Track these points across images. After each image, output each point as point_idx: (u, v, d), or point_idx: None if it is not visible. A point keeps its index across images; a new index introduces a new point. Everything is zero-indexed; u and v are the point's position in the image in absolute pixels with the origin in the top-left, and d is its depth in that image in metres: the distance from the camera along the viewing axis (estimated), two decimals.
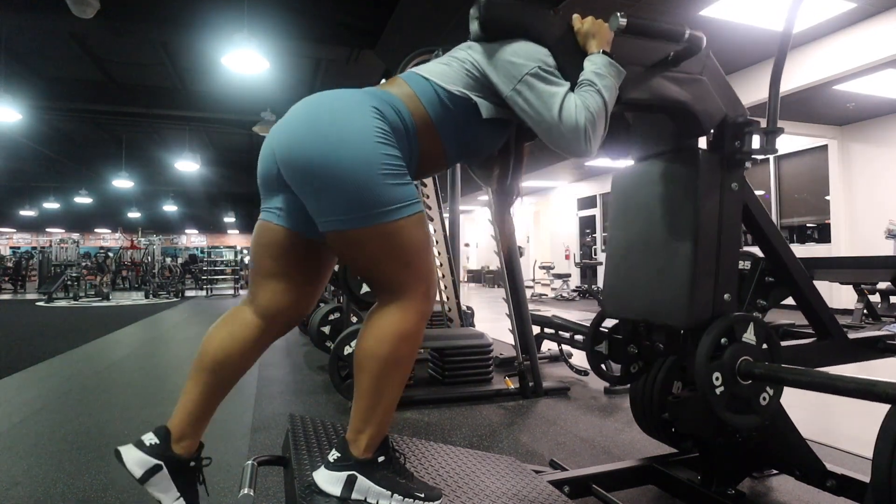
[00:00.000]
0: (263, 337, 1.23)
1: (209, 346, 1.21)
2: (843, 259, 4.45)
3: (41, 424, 2.68)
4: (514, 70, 1.12)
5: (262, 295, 1.21)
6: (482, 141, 1.23)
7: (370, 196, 1.02)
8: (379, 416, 1.11)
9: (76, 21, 4.95)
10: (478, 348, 3.35)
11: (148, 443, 1.15)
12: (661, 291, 1.40)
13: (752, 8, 4.86)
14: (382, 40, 5.88)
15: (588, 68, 1.15)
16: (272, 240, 1.18)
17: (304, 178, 1.06)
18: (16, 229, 27.47)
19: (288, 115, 1.12)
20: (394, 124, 1.09)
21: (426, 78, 1.17)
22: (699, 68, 1.35)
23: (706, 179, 1.35)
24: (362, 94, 1.10)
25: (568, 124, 1.09)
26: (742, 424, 1.29)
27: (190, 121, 9.78)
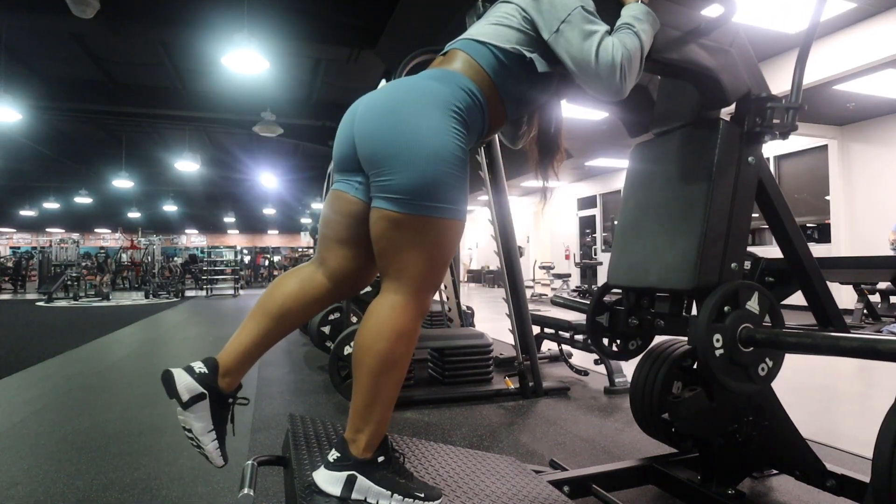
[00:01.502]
0: (327, 298, 1.27)
1: (276, 293, 1.24)
2: (843, 259, 4.45)
3: (41, 424, 2.68)
4: (558, 11, 1.15)
5: (333, 259, 1.25)
6: (534, 93, 1.27)
7: (431, 187, 1.07)
8: (377, 414, 1.11)
9: (76, 21, 4.95)
10: (478, 348, 3.35)
11: (197, 371, 1.17)
12: (670, 258, 1.42)
13: (753, 8, 4.86)
14: (382, 40, 5.88)
15: (626, 13, 1.20)
16: (348, 209, 1.21)
17: (376, 162, 1.10)
18: (16, 229, 27.48)
19: (370, 102, 1.16)
20: (470, 109, 1.14)
21: (482, 42, 1.20)
22: (729, 40, 1.38)
23: (724, 150, 1.38)
24: (441, 87, 1.13)
25: (604, 61, 1.11)
26: (740, 390, 1.30)
27: (190, 121, 9.78)
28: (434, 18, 5.13)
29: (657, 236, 1.49)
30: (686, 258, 1.37)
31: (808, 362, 3.57)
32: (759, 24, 5.12)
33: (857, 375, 3.75)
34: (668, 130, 1.57)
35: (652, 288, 1.52)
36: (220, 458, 1.19)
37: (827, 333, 1.16)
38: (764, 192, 1.47)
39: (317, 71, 7.61)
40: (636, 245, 1.56)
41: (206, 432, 1.16)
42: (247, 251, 25.77)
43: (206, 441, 1.16)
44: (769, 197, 1.49)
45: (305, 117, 8.84)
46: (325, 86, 8.07)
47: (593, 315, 1.67)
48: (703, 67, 1.34)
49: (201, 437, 1.16)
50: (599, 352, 1.73)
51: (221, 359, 1.20)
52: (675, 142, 1.51)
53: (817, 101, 6.88)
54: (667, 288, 1.45)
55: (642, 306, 1.62)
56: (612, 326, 1.67)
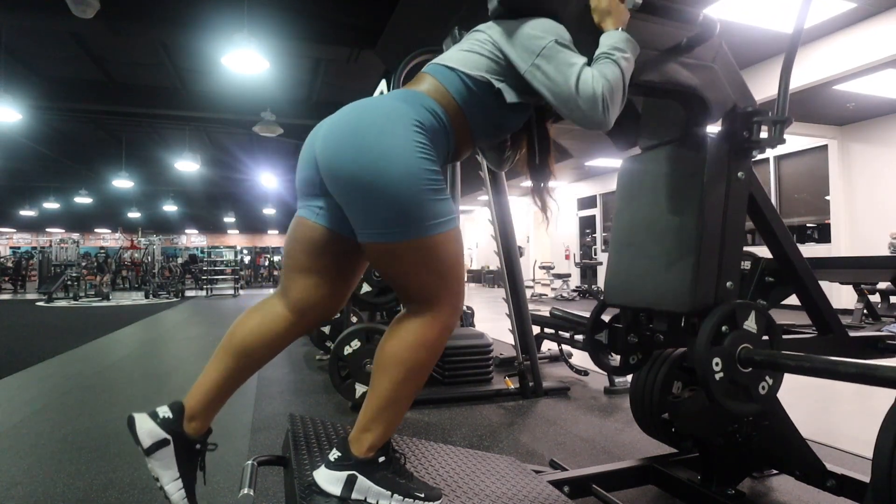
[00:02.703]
0: (292, 330, 1.23)
1: (238, 332, 1.21)
2: (843, 259, 4.45)
3: (41, 424, 2.68)
4: (532, 45, 1.13)
5: (295, 289, 1.22)
6: (505, 124, 1.25)
7: (414, 211, 1.04)
8: (388, 418, 1.11)
9: (76, 21, 4.94)
10: (478, 348, 3.35)
11: (161, 415, 1.15)
12: (665, 278, 1.41)
13: (753, 8, 4.86)
14: (382, 40, 5.88)
15: (605, 42, 1.17)
16: (309, 236, 1.18)
17: (348, 191, 1.07)
18: (16, 229, 27.47)
19: (332, 124, 1.13)
20: (433, 130, 1.11)
21: (451, 68, 1.18)
22: (711, 56, 1.37)
23: (713, 167, 1.36)
24: (401, 104, 1.11)
25: (585, 93, 1.09)
26: (741, 412, 1.30)
27: (190, 121, 9.78)
28: (434, 18, 5.12)
29: (651, 255, 1.47)
30: (681, 280, 1.35)
31: None
32: (759, 25, 5.11)
33: None
34: (656, 145, 1.55)
35: (648, 308, 1.51)
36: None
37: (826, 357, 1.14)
38: (755, 205, 1.46)
39: (317, 71, 7.61)
40: (631, 263, 1.55)
41: (172, 480, 1.14)
42: (247, 251, 25.77)
43: (172, 489, 1.13)
44: (761, 210, 1.47)
45: (305, 117, 8.84)
46: (325, 86, 8.06)
47: (592, 333, 1.66)
48: (687, 87, 1.32)
49: (167, 485, 1.13)
50: (601, 367, 1.72)
51: (188, 402, 1.17)
52: (664, 158, 1.49)
53: (817, 101, 6.88)
54: (663, 309, 1.45)
55: (640, 322, 1.61)
56: (612, 343, 1.66)
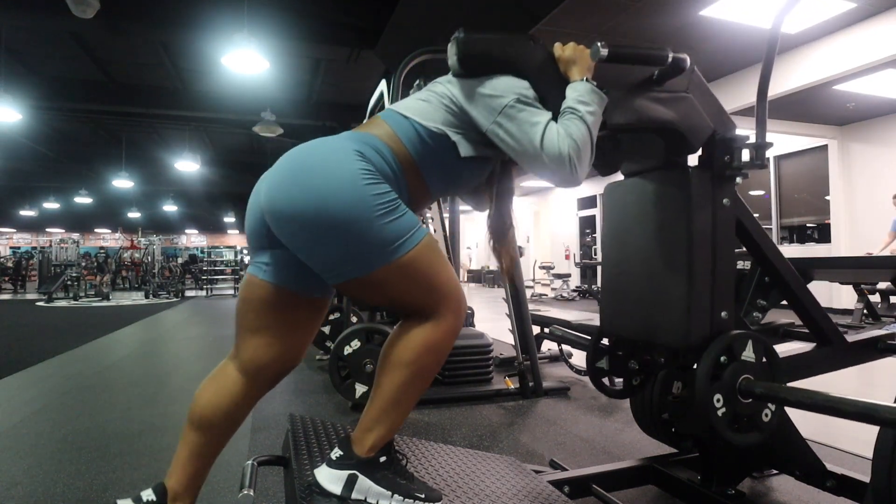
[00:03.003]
0: (249, 393, 1.20)
1: (197, 405, 1.18)
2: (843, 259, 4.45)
3: (41, 424, 2.68)
4: (493, 103, 1.11)
5: (246, 350, 1.19)
6: (464, 176, 1.21)
7: (373, 239, 1.01)
8: (391, 419, 1.11)
9: (76, 21, 4.95)
10: (478, 348, 3.35)
11: (145, 499, 1.14)
12: (658, 311, 1.40)
13: (753, 8, 4.86)
14: (382, 40, 5.88)
15: (570, 96, 1.14)
16: (257, 294, 1.16)
17: (300, 234, 1.04)
18: (16, 229, 27.47)
19: (272, 171, 1.10)
20: (379, 166, 1.07)
21: (405, 116, 1.15)
22: (685, 86, 1.33)
23: (697, 197, 1.34)
24: (343, 140, 1.09)
25: (551, 153, 1.07)
26: (745, 443, 1.29)
27: (190, 121, 9.78)
28: (434, 18, 5.13)
29: (642, 288, 1.46)
30: (675, 315, 1.34)
31: None
32: (759, 25, 5.12)
33: (857, 375, 3.75)
34: (639, 172, 1.53)
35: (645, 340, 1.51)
36: None
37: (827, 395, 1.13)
38: (743, 229, 1.44)
39: (317, 71, 7.61)
40: (624, 294, 1.54)
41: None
42: (247, 251, 25.73)
43: None
44: (749, 233, 1.46)
45: (305, 117, 8.84)
46: (325, 86, 8.07)
47: (592, 361, 1.66)
48: (661, 122, 1.29)
49: None
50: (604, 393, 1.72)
51: (169, 481, 1.16)
52: (648, 187, 1.47)
53: (817, 101, 6.88)
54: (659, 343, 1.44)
55: (639, 348, 1.61)
56: (613, 369, 1.66)
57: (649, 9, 4.84)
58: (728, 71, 6.45)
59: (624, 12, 4.87)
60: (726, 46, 5.65)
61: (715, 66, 6.32)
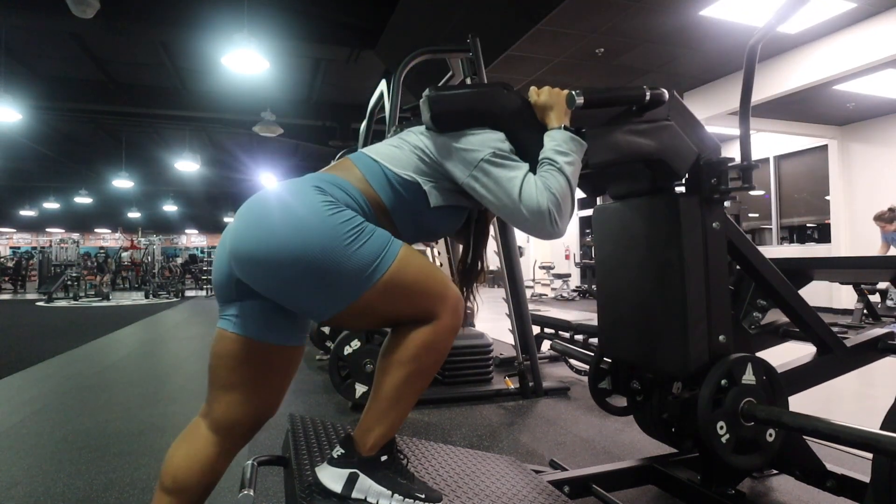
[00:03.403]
0: (223, 451, 1.15)
1: (167, 468, 1.14)
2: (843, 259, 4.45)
3: (41, 424, 2.68)
4: (468, 157, 1.09)
5: (218, 408, 1.14)
6: (437, 224, 1.19)
7: (349, 268, 0.99)
8: (392, 418, 1.10)
9: (76, 21, 4.95)
10: (478, 348, 3.35)
11: None
12: (656, 339, 1.40)
13: (752, 8, 4.86)
14: (382, 40, 5.89)
15: (548, 146, 1.12)
16: (227, 349, 1.12)
17: (273, 277, 1.01)
18: (16, 229, 27.46)
19: (236, 220, 1.08)
20: (342, 200, 1.05)
21: (375, 160, 1.13)
22: (665, 113, 1.32)
23: (687, 222, 1.34)
24: (302, 181, 1.07)
25: (530, 207, 1.05)
26: (750, 466, 1.29)
27: (190, 121, 9.78)
28: (434, 18, 5.13)
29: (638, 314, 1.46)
30: (673, 344, 1.33)
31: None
32: (758, 25, 5.11)
33: (856, 375, 3.74)
34: (627, 195, 1.52)
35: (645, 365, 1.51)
36: None
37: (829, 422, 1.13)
38: (735, 249, 1.44)
39: (317, 71, 7.61)
40: (621, 319, 1.54)
41: None
42: None
43: None
44: (742, 253, 1.46)
45: (305, 117, 8.84)
46: (325, 86, 8.07)
47: (594, 382, 1.66)
48: (644, 154, 1.28)
49: None
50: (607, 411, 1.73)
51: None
52: (637, 212, 1.47)
53: (817, 101, 6.88)
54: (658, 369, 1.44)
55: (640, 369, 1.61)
56: (615, 388, 1.66)
57: (649, 9, 4.84)
58: (728, 71, 6.45)
59: (624, 12, 4.87)
60: (726, 46, 5.65)
61: (715, 67, 6.32)
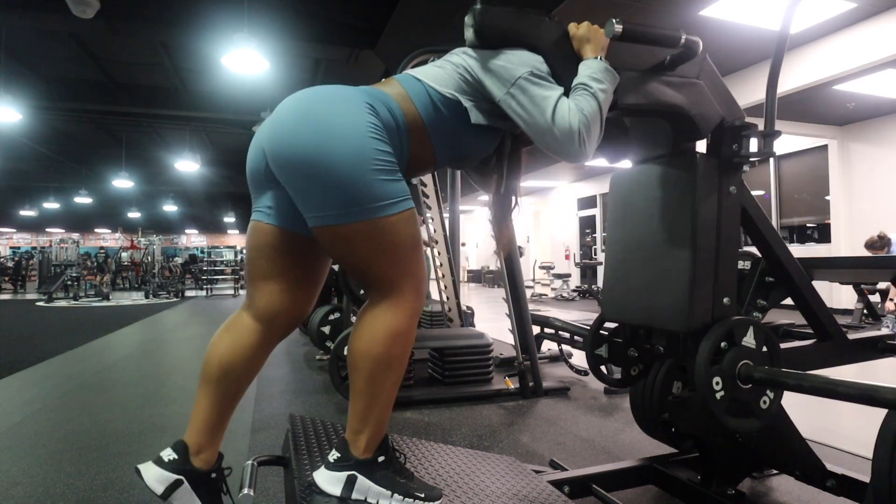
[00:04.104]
0: (265, 341, 1.21)
1: (212, 356, 1.19)
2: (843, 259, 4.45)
3: (41, 424, 2.68)
4: (507, 74, 1.12)
5: (260, 298, 1.20)
6: (471, 146, 1.22)
7: (362, 191, 1.02)
8: (376, 415, 1.10)
9: (76, 21, 4.95)
10: (478, 348, 3.35)
11: (167, 458, 1.14)
12: (661, 296, 1.40)
13: (752, 8, 4.86)
14: (382, 40, 5.88)
15: (583, 72, 1.15)
16: (265, 240, 1.17)
17: (293, 170, 1.04)
18: (16, 229, 27.47)
19: (278, 109, 1.12)
20: (386, 122, 1.08)
21: (419, 79, 1.17)
22: (696, 72, 1.34)
23: (704, 183, 1.35)
24: (355, 90, 1.10)
25: (562, 127, 1.08)
26: (743, 428, 1.29)
27: (190, 121, 9.78)
28: (434, 18, 5.13)
29: (646, 273, 1.47)
30: (677, 300, 1.35)
31: None
32: (758, 25, 5.12)
33: (856, 375, 3.75)
34: (646, 160, 1.54)
35: (646, 325, 1.51)
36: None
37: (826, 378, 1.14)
38: (748, 217, 1.45)
39: (317, 71, 7.61)
40: (627, 279, 1.55)
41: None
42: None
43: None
44: (754, 222, 1.46)
45: None
46: None
47: (592, 348, 1.66)
48: (672, 106, 1.30)
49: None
50: (602, 381, 1.72)
51: (189, 438, 1.17)
52: (655, 173, 1.48)
53: (817, 101, 6.88)
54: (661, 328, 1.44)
55: (639, 336, 1.61)
56: (612, 357, 1.66)
57: (649, 9, 4.84)
58: (728, 71, 6.45)
59: (624, 13, 4.87)
60: (726, 46, 5.65)
61: (715, 66, 6.32)
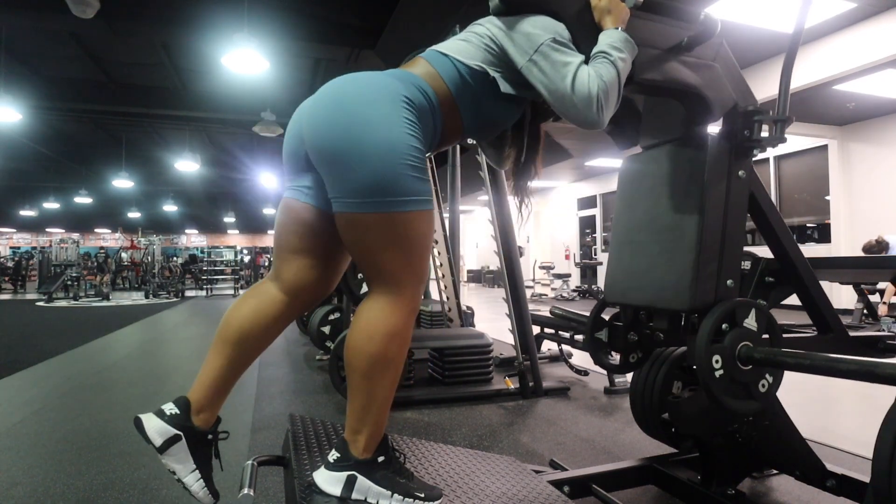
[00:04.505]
0: (287, 313, 1.23)
1: (233, 319, 1.20)
2: (843, 259, 4.45)
3: (41, 424, 2.68)
4: (530, 41, 1.14)
5: (288, 271, 1.22)
6: (497, 115, 1.25)
7: (391, 183, 1.04)
8: (374, 415, 1.10)
9: (76, 21, 4.94)
10: (478, 348, 3.35)
11: (168, 412, 1.15)
12: (665, 276, 1.41)
13: (753, 8, 4.86)
14: (382, 40, 5.88)
15: (603, 41, 1.17)
16: (298, 217, 1.19)
17: (327, 157, 1.07)
18: (16, 229, 27.47)
19: (317, 95, 1.14)
20: (421, 108, 1.12)
21: (445, 54, 1.19)
22: (712, 55, 1.37)
23: (714, 166, 1.37)
24: (392, 80, 1.12)
25: (580, 93, 1.10)
26: (741, 410, 1.30)
27: (190, 121, 9.78)
28: (434, 18, 5.12)
29: (651, 254, 1.48)
30: (681, 278, 1.35)
31: None
32: (757, 25, 5.11)
33: None
34: (657, 144, 1.55)
35: (648, 306, 1.51)
36: (207, 496, 1.17)
37: (825, 355, 1.14)
38: (756, 204, 1.46)
39: (317, 71, 7.61)
40: (631, 262, 1.55)
41: (189, 473, 1.15)
42: (247, 251, 25.74)
43: (191, 481, 1.15)
44: (762, 209, 1.47)
45: None
46: None
47: (592, 331, 1.66)
48: (687, 85, 1.32)
49: (185, 478, 1.14)
50: (601, 366, 1.72)
51: (192, 396, 1.17)
52: (665, 156, 1.49)
53: (817, 101, 6.88)
54: (663, 307, 1.45)
55: (640, 321, 1.61)
56: (612, 341, 1.66)
57: None
58: None
59: None
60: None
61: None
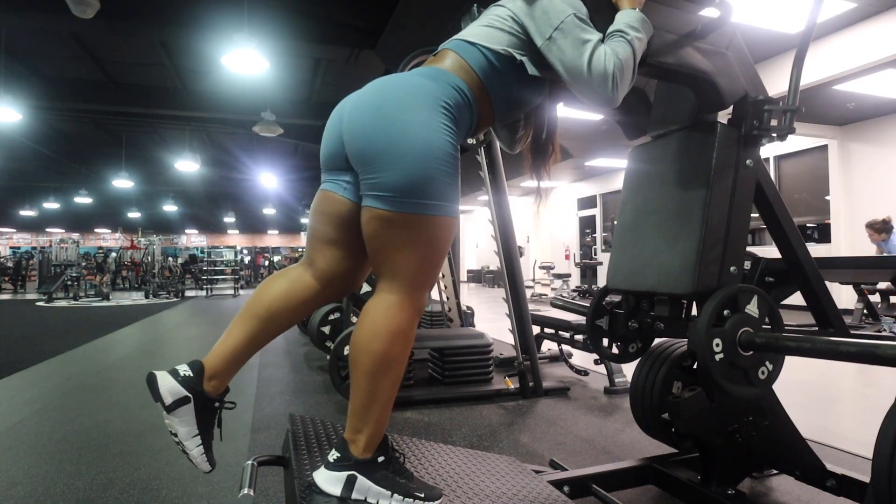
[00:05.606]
0: (315, 299, 1.25)
1: (264, 295, 1.22)
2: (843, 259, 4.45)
3: (41, 424, 2.68)
4: (552, 17, 1.15)
5: (322, 260, 1.24)
6: (523, 96, 1.27)
7: (423, 185, 1.06)
8: (375, 414, 1.11)
9: (76, 21, 4.94)
10: (478, 348, 3.35)
11: (182, 373, 1.16)
12: (669, 261, 1.42)
13: (753, 8, 4.86)
14: (382, 40, 5.88)
15: (620, 20, 1.19)
16: (336, 210, 1.20)
17: (367, 160, 1.09)
18: (16, 229, 27.48)
19: (358, 98, 1.15)
20: (458, 108, 1.14)
21: (473, 43, 1.21)
22: (725, 43, 1.38)
23: (722, 153, 1.38)
24: (429, 83, 1.13)
25: (597, 70, 1.11)
26: (741, 395, 1.31)
27: (190, 121, 9.78)
28: (434, 18, 5.12)
29: (656, 240, 1.49)
30: (685, 263, 1.37)
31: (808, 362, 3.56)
32: (759, 25, 5.11)
33: (856, 375, 3.75)
34: (666, 133, 1.57)
35: (651, 292, 1.52)
36: (205, 463, 1.17)
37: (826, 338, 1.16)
38: (762, 194, 1.47)
39: (317, 71, 7.61)
40: (635, 248, 1.56)
41: (191, 437, 1.15)
42: (247, 251, 25.76)
43: (191, 446, 1.16)
44: (767, 199, 1.49)
45: (305, 117, 8.83)
46: (325, 86, 8.06)
47: (593, 318, 1.66)
48: (700, 71, 1.33)
49: (186, 441, 1.15)
50: (600, 354, 1.72)
51: (208, 362, 1.19)
52: (673, 145, 1.51)
53: (817, 101, 6.88)
54: (666, 292, 1.45)
55: (642, 309, 1.62)
56: (612, 329, 1.67)
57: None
58: None
59: None
60: None
61: None
